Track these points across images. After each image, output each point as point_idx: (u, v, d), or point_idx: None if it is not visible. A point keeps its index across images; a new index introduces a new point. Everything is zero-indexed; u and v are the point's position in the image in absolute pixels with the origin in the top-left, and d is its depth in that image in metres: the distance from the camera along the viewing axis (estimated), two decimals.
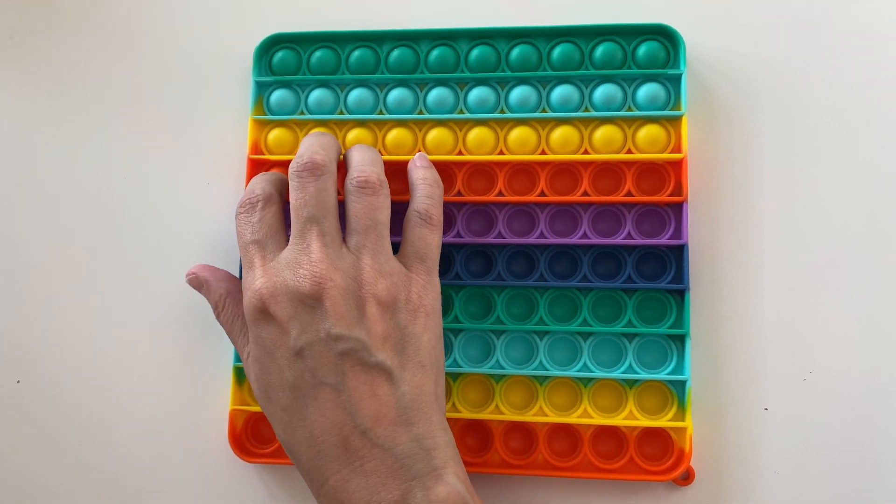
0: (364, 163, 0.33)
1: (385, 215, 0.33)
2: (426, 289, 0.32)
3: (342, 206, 0.33)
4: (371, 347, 0.30)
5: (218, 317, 0.34)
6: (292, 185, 0.32)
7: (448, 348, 0.36)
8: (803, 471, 0.35)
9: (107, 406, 0.38)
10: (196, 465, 0.37)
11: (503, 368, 0.36)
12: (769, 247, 0.36)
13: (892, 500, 0.34)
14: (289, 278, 0.30)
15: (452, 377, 0.36)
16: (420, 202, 0.34)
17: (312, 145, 0.33)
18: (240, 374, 0.37)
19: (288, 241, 0.32)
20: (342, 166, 0.35)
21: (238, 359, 0.37)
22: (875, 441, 0.35)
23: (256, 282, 0.31)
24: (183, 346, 0.38)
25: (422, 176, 0.35)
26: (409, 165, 0.35)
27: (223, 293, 0.34)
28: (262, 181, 0.34)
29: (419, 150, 0.37)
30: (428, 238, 0.33)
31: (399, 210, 0.35)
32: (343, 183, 0.33)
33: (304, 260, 0.31)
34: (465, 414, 0.35)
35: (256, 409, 0.36)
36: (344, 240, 0.32)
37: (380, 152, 0.36)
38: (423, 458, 0.29)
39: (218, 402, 0.37)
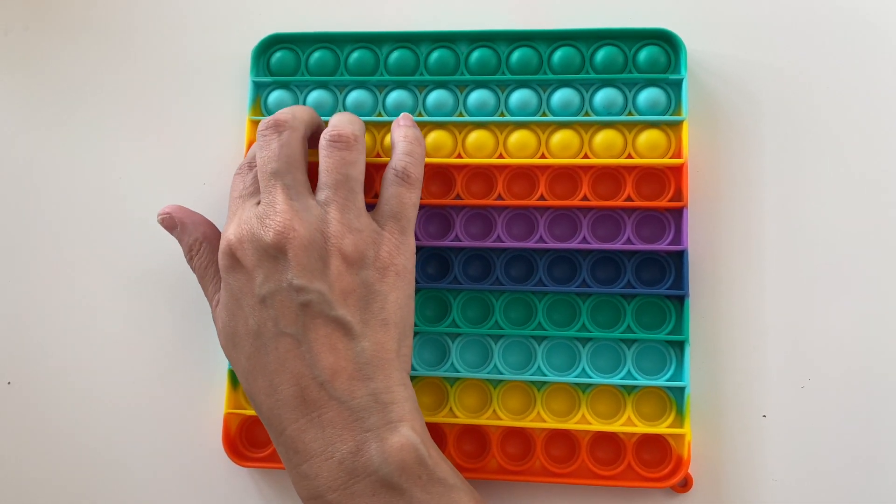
0: (340, 121, 0.33)
1: (357, 171, 0.33)
2: (398, 248, 0.32)
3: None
4: (332, 301, 0.30)
5: (190, 261, 0.34)
6: (256, 145, 0.33)
7: (445, 353, 0.36)
8: (802, 478, 0.35)
9: (100, 410, 0.38)
10: (190, 469, 0.37)
11: (501, 373, 0.36)
12: (769, 253, 0.36)
13: None
14: (255, 227, 0.31)
15: (450, 382, 0.36)
16: (398, 159, 0.33)
17: (280, 110, 0.34)
18: (234, 378, 0.36)
19: None
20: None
21: None
22: (875, 448, 0.35)
23: (230, 229, 0.32)
24: (177, 348, 0.38)
25: (403, 134, 0.34)
26: (392, 124, 0.35)
27: (199, 237, 0.34)
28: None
29: None
30: (404, 197, 0.33)
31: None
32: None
33: (270, 211, 0.31)
34: (463, 419, 0.35)
35: (251, 412, 0.36)
36: (315, 194, 0.32)
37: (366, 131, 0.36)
38: (379, 411, 0.29)
39: (212, 405, 0.37)
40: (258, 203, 0.32)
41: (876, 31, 0.38)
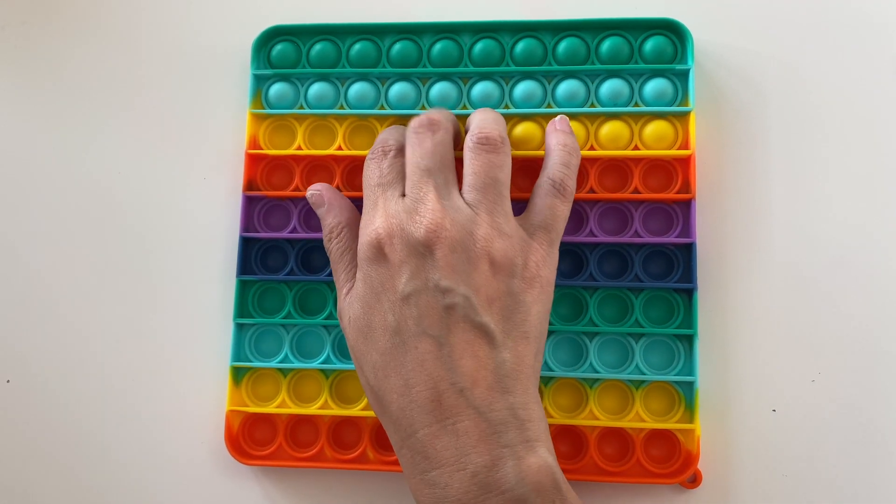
0: (486, 121, 0.33)
1: (506, 174, 0.32)
2: (545, 259, 0.31)
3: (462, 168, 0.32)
4: (477, 307, 0.29)
5: (328, 243, 0.33)
6: (410, 141, 0.32)
7: None
8: (812, 473, 0.34)
9: (101, 408, 0.37)
10: (192, 467, 0.36)
11: None
12: (778, 245, 0.36)
13: None
14: (405, 222, 0.30)
15: None
16: (556, 170, 0.33)
17: (429, 111, 0.33)
18: (236, 375, 0.36)
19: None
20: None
21: (236, 358, 0.36)
22: (884, 443, 0.34)
23: (376, 220, 0.31)
24: (178, 346, 0.37)
25: (561, 141, 0.34)
26: (549, 127, 0.35)
27: (343, 221, 0.33)
28: (396, 133, 0.34)
29: None
30: (557, 208, 0.32)
31: None
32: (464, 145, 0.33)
33: (420, 208, 0.30)
34: None
35: (253, 410, 0.35)
36: (462, 196, 0.32)
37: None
38: (516, 427, 0.28)
39: (214, 403, 0.36)
40: (402, 196, 0.31)
41: (881, 23, 0.37)
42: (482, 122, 0.33)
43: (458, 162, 0.33)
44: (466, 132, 0.33)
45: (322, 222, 0.34)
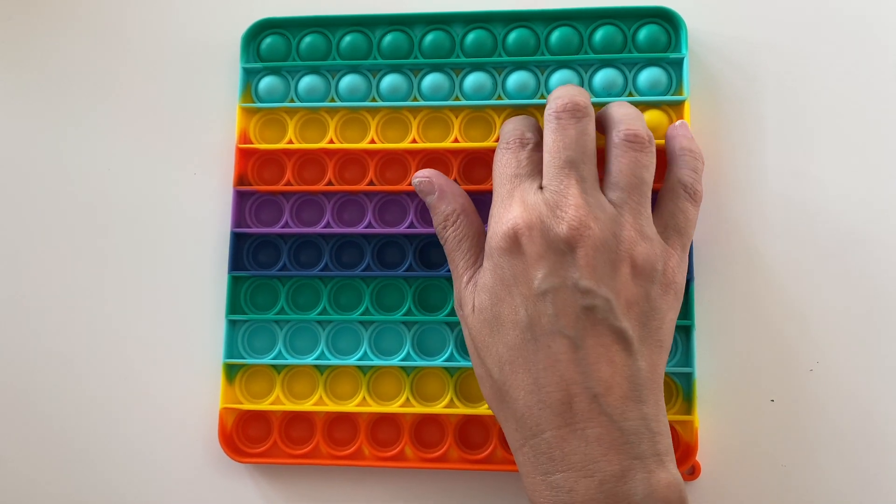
0: (631, 117, 0.32)
1: (650, 175, 0.31)
2: (680, 266, 0.31)
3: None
4: (617, 311, 0.29)
5: (443, 230, 0.33)
6: (550, 126, 0.31)
7: (444, 345, 0.35)
8: (811, 464, 0.34)
9: (94, 405, 0.37)
10: (186, 465, 0.36)
11: None
12: (775, 235, 0.35)
13: None
14: (546, 216, 0.29)
15: (450, 371, 0.35)
16: (687, 175, 0.32)
17: (570, 89, 0.32)
18: (230, 372, 0.36)
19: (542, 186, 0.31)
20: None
21: (229, 355, 0.36)
22: (883, 432, 0.34)
23: (514, 211, 0.30)
24: (171, 343, 0.37)
25: (688, 147, 0.33)
26: (671, 131, 0.34)
27: (457, 208, 0.33)
28: (531, 124, 0.33)
29: (413, 139, 0.36)
30: (690, 213, 0.32)
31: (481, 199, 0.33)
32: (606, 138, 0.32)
33: (563, 202, 0.29)
34: (462, 410, 0.34)
35: (247, 407, 0.35)
36: (603, 192, 0.31)
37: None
38: (648, 439, 0.28)
39: (207, 401, 0.36)
40: (540, 188, 0.31)
41: (876, 11, 0.37)
42: (628, 117, 0.32)
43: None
44: (605, 123, 0.32)
45: (432, 210, 0.33)
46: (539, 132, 0.33)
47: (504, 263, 0.30)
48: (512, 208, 0.30)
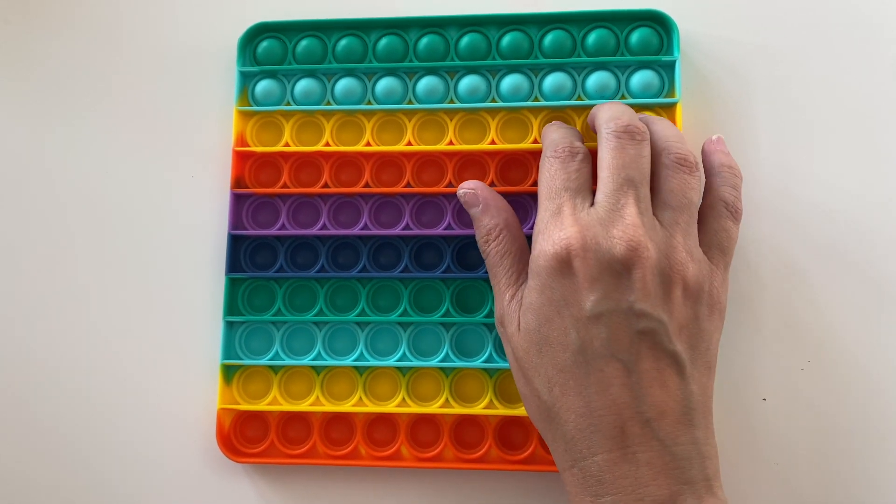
0: (679, 140, 0.32)
1: (699, 196, 0.31)
2: (724, 285, 0.31)
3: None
4: (671, 334, 0.28)
5: (485, 245, 0.32)
6: (608, 144, 0.31)
7: (441, 343, 0.36)
8: (803, 462, 0.34)
9: (92, 406, 0.37)
10: (184, 465, 0.36)
11: (496, 362, 0.35)
12: (766, 234, 0.36)
13: (894, 491, 0.34)
14: (601, 236, 0.29)
15: (446, 372, 0.35)
16: (728, 192, 0.32)
17: (623, 108, 0.32)
18: (227, 373, 0.36)
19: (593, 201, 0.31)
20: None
21: (227, 356, 0.36)
22: (875, 430, 0.34)
23: (566, 230, 0.29)
24: (168, 344, 0.37)
25: (727, 163, 0.33)
26: (708, 146, 0.34)
27: (500, 222, 0.32)
28: (577, 135, 0.33)
29: (409, 142, 0.37)
30: (732, 231, 0.32)
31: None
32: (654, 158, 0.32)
33: (619, 221, 0.29)
34: (457, 409, 0.35)
35: (244, 407, 0.35)
36: (654, 213, 0.31)
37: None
38: (698, 463, 0.28)
39: (205, 401, 0.36)
40: (591, 204, 0.30)
41: (867, 12, 0.37)
42: (676, 139, 0.32)
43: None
44: (651, 143, 0.32)
45: (476, 223, 0.33)
46: (584, 143, 0.32)
47: (554, 284, 0.29)
48: (563, 226, 0.29)
